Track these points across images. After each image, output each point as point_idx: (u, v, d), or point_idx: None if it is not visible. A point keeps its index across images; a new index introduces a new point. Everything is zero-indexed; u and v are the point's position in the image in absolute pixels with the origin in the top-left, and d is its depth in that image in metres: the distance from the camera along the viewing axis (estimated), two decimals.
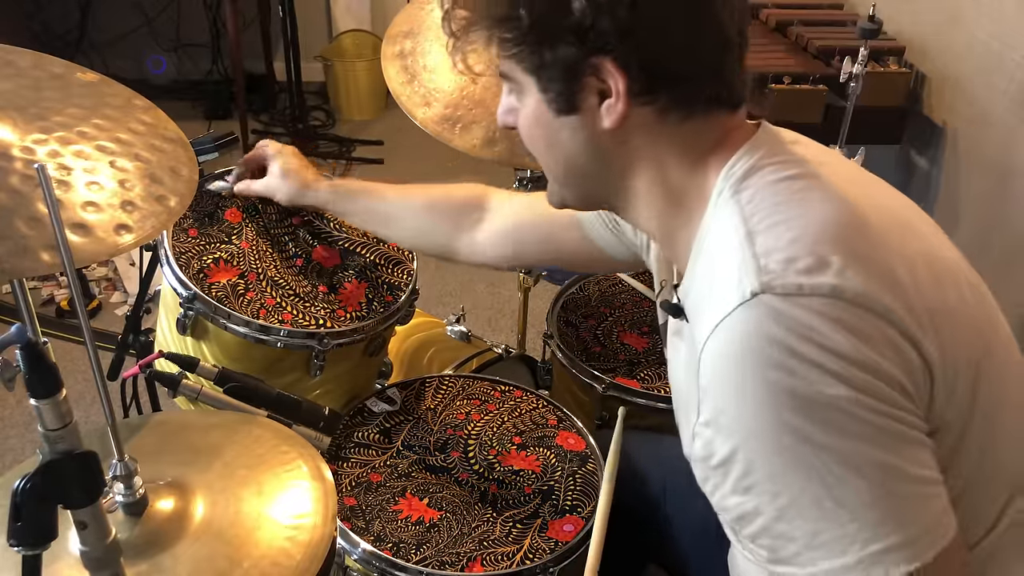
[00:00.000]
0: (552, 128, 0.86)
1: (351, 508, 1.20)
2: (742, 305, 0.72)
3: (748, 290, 0.72)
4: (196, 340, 1.39)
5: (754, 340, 0.71)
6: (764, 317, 0.71)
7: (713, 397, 0.75)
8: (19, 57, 0.99)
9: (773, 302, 0.71)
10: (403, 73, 1.55)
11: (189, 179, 0.96)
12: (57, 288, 2.77)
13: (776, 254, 0.74)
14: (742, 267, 0.74)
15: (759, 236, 0.76)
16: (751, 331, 0.72)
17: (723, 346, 0.73)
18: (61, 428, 0.73)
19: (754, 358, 0.71)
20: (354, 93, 4.04)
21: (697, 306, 0.82)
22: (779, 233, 0.75)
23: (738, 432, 0.73)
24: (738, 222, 0.78)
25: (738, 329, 0.72)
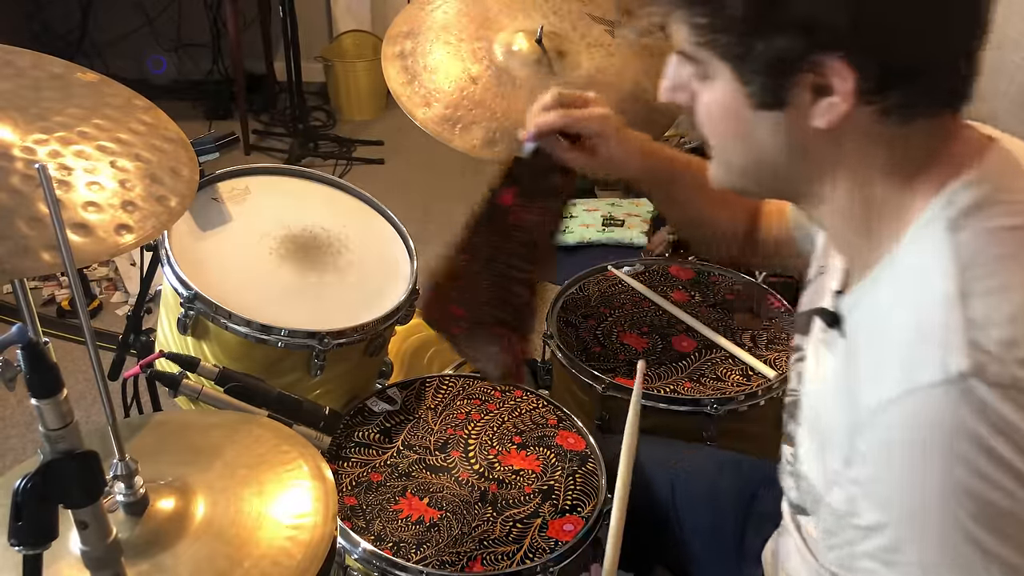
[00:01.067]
0: (746, 121, 0.75)
1: (351, 508, 1.20)
2: (944, 384, 0.63)
3: (955, 369, 0.63)
4: (197, 340, 1.39)
5: (948, 430, 0.63)
6: (966, 406, 0.63)
7: (876, 466, 0.69)
8: (19, 57, 1.00)
9: (982, 392, 0.62)
10: (403, 73, 1.55)
11: (189, 179, 0.96)
12: (58, 288, 2.77)
13: (994, 330, 0.64)
14: (948, 335, 0.64)
15: (975, 299, 0.65)
16: (947, 420, 0.63)
17: (908, 423, 0.65)
18: (62, 428, 0.73)
19: (943, 450, 0.63)
20: (354, 93, 4.04)
21: (870, 338, 0.74)
22: (1000, 302, 0.65)
23: (898, 510, 0.67)
24: (950, 269, 0.67)
25: (932, 412, 0.64)
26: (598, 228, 3.10)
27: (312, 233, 1.52)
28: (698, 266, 1.77)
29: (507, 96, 1.53)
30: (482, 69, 1.55)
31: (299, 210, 1.55)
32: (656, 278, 1.74)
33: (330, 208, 1.58)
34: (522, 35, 1.58)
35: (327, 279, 1.47)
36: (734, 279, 1.74)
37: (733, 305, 1.64)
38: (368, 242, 1.55)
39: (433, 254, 1.22)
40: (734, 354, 1.52)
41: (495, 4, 1.64)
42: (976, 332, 0.64)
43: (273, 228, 1.50)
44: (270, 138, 3.86)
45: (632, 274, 1.73)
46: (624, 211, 3.20)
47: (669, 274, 1.75)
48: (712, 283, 1.73)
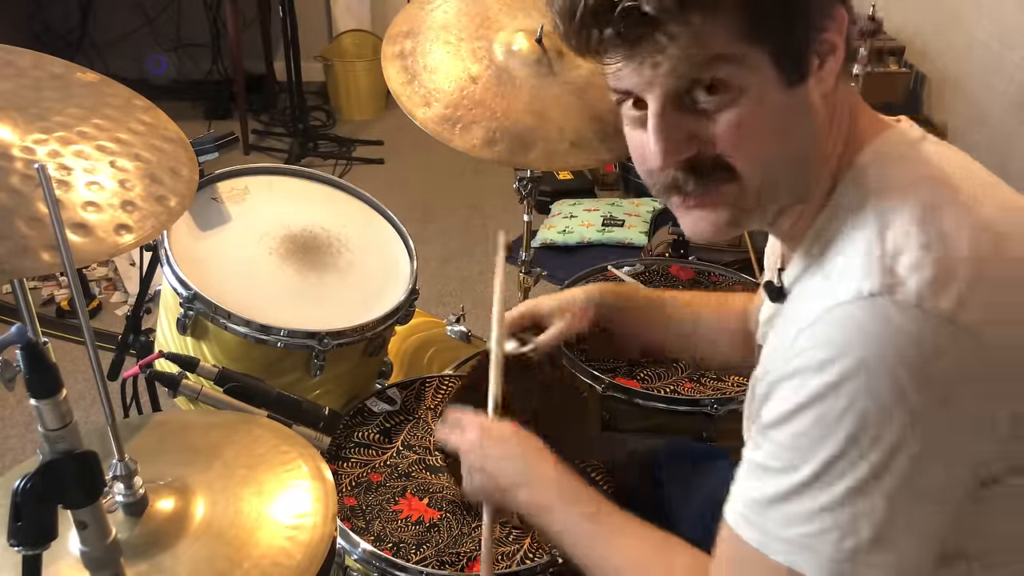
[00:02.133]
0: (780, 112, 0.75)
1: (351, 508, 1.20)
2: (856, 302, 0.70)
3: (867, 289, 0.70)
4: (196, 340, 1.39)
5: (860, 341, 0.69)
6: (873, 321, 0.69)
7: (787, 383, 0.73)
8: (19, 57, 0.99)
9: (889, 310, 0.69)
10: (403, 73, 1.55)
11: (189, 179, 0.96)
12: (57, 288, 2.77)
13: (904, 257, 0.70)
14: (867, 263, 0.71)
15: (891, 232, 0.72)
16: (856, 327, 0.69)
17: (825, 331, 0.71)
18: (61, 428, 0.73)
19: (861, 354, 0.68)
20: (354, 93, 4.04)
21: (805, 289, 0.79)
22: (913, 234, 0.71)
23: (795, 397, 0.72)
24: (872, 218, 0.74)
25: (845, 322, 0.70)
26: (598, 228, 3.10)
27: (312, 233, 1.52)
28: (698, 266, 1.77)
29: (507, 96, 1.53)
30: (482, 69, 1.55)
31: (299, 210, 1.55)
32: (656, 278, 1.74)
33: (330, 208, 1.58)
34: (522, 35, 1.58)
35: (327, 279, 1.47)
36: (734, 279, 1.74)
37: None
38: (368, 242, 1.55)
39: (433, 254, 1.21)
40: None
41: (495, 4, 1.64)
42: (889, 259, 0.70)
43: (273, 228, 1.50)
44: (270, 138, 3.86)
45: (632, 274, 1.73)
46: (624, 211, 3.20)
47: (669, 274, 1.75)
48: (712, 283, 1.73)
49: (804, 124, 0.77)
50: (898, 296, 0.69)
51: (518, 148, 1.49)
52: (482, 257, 3.10)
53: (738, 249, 2.54)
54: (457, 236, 3.21)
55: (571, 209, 3.26)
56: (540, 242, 3.07)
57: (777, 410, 0.74)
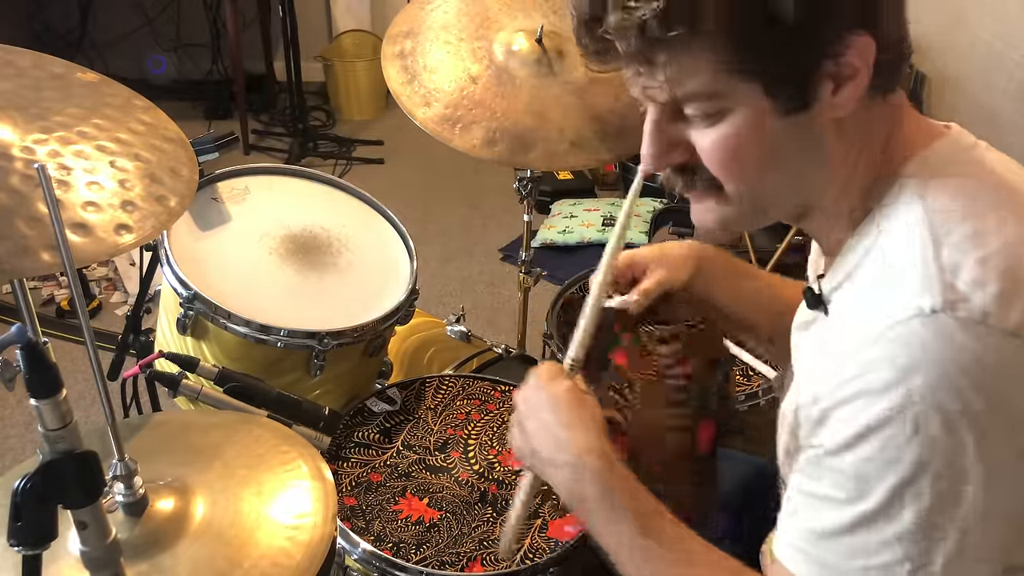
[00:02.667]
0: (771, 139, 0.74)
1: (351, 508, 1.20)
2: (918, 319, 0.67)
3: (928, 306, 0.67)
4: (196, 340, 1.39)
5: (925, 360, 0.66)
6: (937, 339, 0.66)
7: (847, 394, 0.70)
8: (19, 57, 0.99)
9: (951, 327, 0.66)
10: (403, 73, 1.55)
11: (189, 179, 0.96)
12: (57, 288, 2.77)
13: (964, 272, 0.68)
14: (926, 277, 0.68)
15: (945, 248, 0.69)
16: (920, 346, 0.66)
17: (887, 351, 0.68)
18: (61, 428, 0.73)
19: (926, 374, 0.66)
20: (354, 93, 4.04)
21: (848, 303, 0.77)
22: (971, 248, 0.69)
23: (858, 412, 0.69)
24: (923, 225, 0.71)
25: (909, 341, 0.67)
26: (598, 228, 3.10)
27: (312, 233, 1.52)
28: None
29: (507, 96, 1.53)
30: (482, 69, 1.55)
31: (299, 210, 1.55)
32: None
33: (330, 208, 1.58)
34: (522, 35, 1.58)
35: (327, 279, 1.47)
36: None
37: None
38: (368, 242, 1.55)
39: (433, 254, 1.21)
40: (734, 354, 1.52)
41: (495, 4, 1.64)
42: (948, 273, 0.68)
43: (273, 228, 1.50)
44: (270, 138, 3.86)
45: None
46: None
47: None
48: None
49: (806, 149, 0.76)
50: (960, 313, 0.66)
51: (518, 148, 1.49)
52: (482, 257, 3.10)
53: (738, 249, 2.54)
54: (457, 236, 3.21)
55: (571, 209, 3.26)
56: (540, 242, 3.07)
57: (837, 436, 0.71)
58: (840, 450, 0.71)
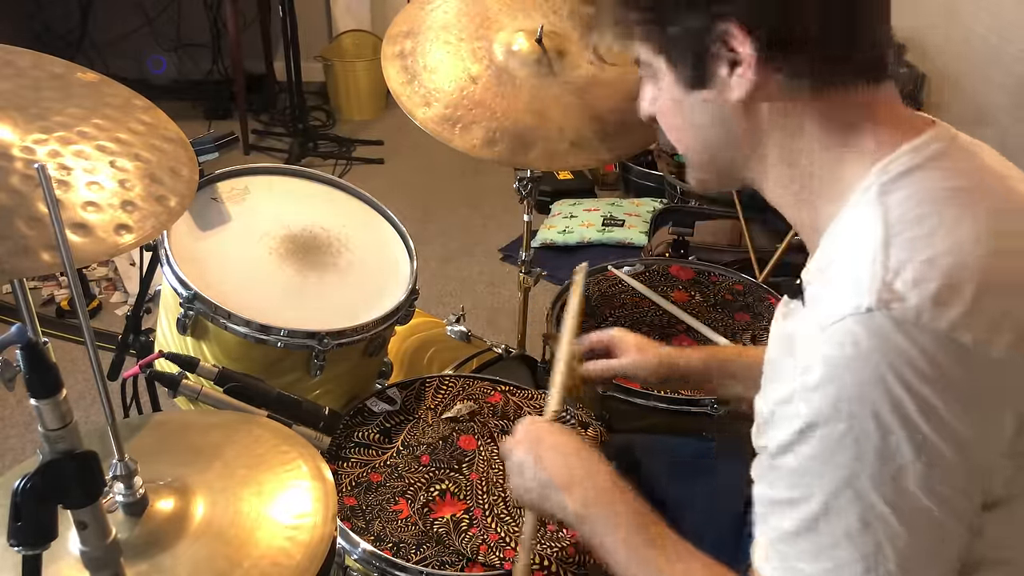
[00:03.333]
0: (685, 106, 0.83)
1: (351, 508, 1.20)
2: (852, 317, 0.68)
3: (864, 304, 0.68)
4: (196, 340, 1.39)
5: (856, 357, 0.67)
6: (868, 338, 0.67)
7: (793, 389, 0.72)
8: (19, 57, 0.99)
9: (885, 326, 0.67)
10: (403, 73, 1.55)
11: (189, 179, 0.96)
12: (57, 288, 2.77)
13: (906, 272, 0.68)
14: (868, 277, 0.69)
15: (895, 248, 0.70)
16: (852, 344, 0.68)
17: (821, 348, 0.69)
18: (61, 428, 0.73)
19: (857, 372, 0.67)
20: (354, 93, 4.04)
21: (815, 297, 0.78)
22: (921, 247, 0.69)
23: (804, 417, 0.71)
24: (878, 226, 0.72)
25: (842, 339, 0.68)
26: (598, 228, 3.10)
27: (312, 233, 1.52)
28: (698, 266, 1.77)
29: (507, 96, 1.53)
30: (482, 69, 1.55)
31: (299, 210, 1.55)
32: (656, 278, 1.74)
33: (330, 208, 1.58)
34: (522, 35, 1.58)
35: (327, 279, 1.47)
36: (735, 279, 1.74)
37: None
38: (368, 242, 1.55)
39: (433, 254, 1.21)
40: None
41: (495, 4, 1.64)
42: (890, 274, 0.68)
43: (273, 228, 1.50)
44: (270, 138, 3.86)
45: (632, 274, 1.73)
46: (624, 211, 3.20)
47: (669, 274, 1.75)
48: (712, 283, 1.73)
49: (718, 127, 0.83)
50: (895, 312, 0.67)
51: (518, 148, 1.49)
52: (482, 257, 3.10)
53: (738, 249, 2.54)
54: (457, 236, 3.21)
55: (571, 209, 3.26)
56: (540, 242, 3.06)
57: (781, 436, 0.73)
58: (783, 450, 0.72)
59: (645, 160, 3.39)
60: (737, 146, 0.83)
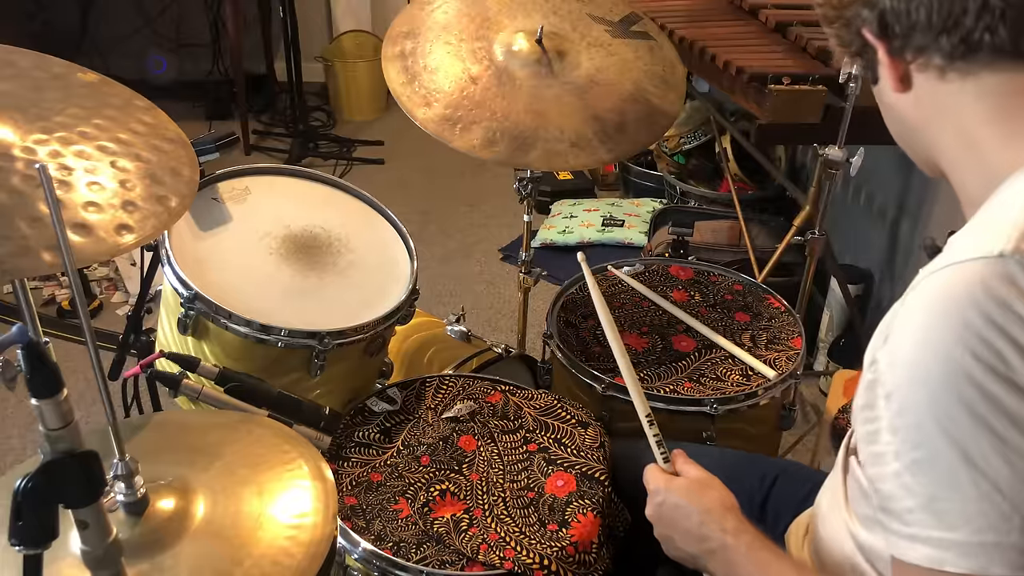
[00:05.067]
0: (880, 99, 0.88)
1: (351, 507, 1.20)
2: (983, 259, 0.67)
3: (998, 249, 0.67)
4: (197, 340, 1.39)
5: (966, 302, 0.66)
6: (995, 277, 0.66)
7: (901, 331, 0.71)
8: (20, 57, 0.99)
9: (1014, 271, 0.66)
10: (403, 73, 1.55)
11: (190, 179, 0.96)
12: (58, 288, 2.77)
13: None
14: (1009, 227, 0.68)
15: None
16: (970, 291, 0.67)
17: (935, 289, 0.69)
18: (62, 428, 0.73)
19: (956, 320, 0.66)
20: (354, 93, 4.05)
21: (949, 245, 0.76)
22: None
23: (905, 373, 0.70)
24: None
25: (960, 281, 0.67)
26: (598, 228, 3.10)
27: (312, 233, 1.52)
28: (698, 266, 1.77)
29: (507, 96, 1.53)
30: (482, 69, 1.55)
31: (299, 210, 1.55)
32: (656, 278, 1.74)
33: (330, 208, 1.58)
34: (522, 35, 1.58)
35: (327, 279, 1.47)
36: (734, 279, 1.74)
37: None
38: (368, 242, 1.55)
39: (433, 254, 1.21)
40: (734, 354, 1.52)
41: (495, 4, 1.65)
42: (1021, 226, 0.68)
43: (273, 228, 1.50)
44: (270, 138, 3.87)
45: (632, 274, 1.73)
46: (624, 211, 3.20)
47: (669, 274, 1.75)
48: (712, 283, 1.73)
49: (893, 119, 0.87)
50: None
51: (518, 148, 1.49)
52: (482, 257, 3.10)
53: (738, 249, 2.54)
54: (457, 236, 3.21)
55: (571, 209, 3.26)
56: (540, 242, 3.07)
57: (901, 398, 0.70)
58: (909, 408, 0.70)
59: (645, 160, 3.40)
60: (912, 137, 0.87)
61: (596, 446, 1.30)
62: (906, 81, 0.81)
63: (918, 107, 0.83)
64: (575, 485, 1.24)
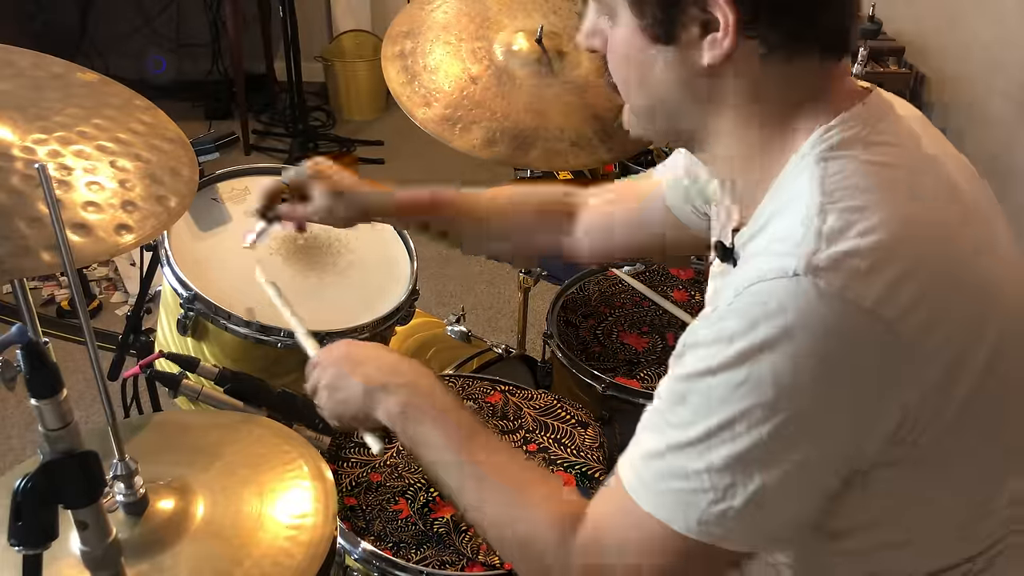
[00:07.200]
0: (644, 58, 0.80)
1: (351, 508, 1.20)
2: (779, 279, 0.69)
3: (792, 268, 0.69)
4: (197, 340, 1.39)
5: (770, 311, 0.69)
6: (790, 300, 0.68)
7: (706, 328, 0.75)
8: (19, 57, 0.99)
9: (809, 293, 0.68)
10: (403, 73, 1.55)
11: (189, 179, 0.96)
12: (58, 288, 2.77)
13: (840, 243, 0.69)
14: (800, 242, 0.70)
15: (831, 216, 0.71)
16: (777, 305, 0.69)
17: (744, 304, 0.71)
18: (62, 428, 0.73)
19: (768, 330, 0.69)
20: (354, 93, 4.04)
21: (747, 257, 0.79)
22: (854, 220, 0.70)
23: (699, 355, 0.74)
24: (816, 193, 0.73)
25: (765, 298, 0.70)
26: None
27: (312, 234, 1.52)
28: (698, 265, 1.77)
29: (507, 96, 1.53)
30: (482, 69, 1.55)
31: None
32: (656, 278, 1.74)
33: None
34: (522, 35, 1.58)
35: (327, 280, 1.47)
36: None
37: None
38: (368, 242, 1.55)
39: (433, 254, 1.21)
40: None
41: (495, 4, 1.65)
42: (822, 243, 0.69)
43: (273, 228, 1.49)
44: (270, 138, 3.86)
45: (632, 274, 1.73)
46: None
47: (669, 274, 1.75)
48: None
49: (677, 83, 0.80)
50: (820, 281, 0.68)
51: (518, 148, 1.49)
52: (482, 257, 3.10)
53: None
54: None
55: None
56: None
57: (684, 370, 0.75)
58: (682, 381, 0.75)
59: (645, 160, 3.39)
60: (690, 108, 0.82)
61: (596, 446, 1.30)
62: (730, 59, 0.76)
63: (716, 84, 0.79)
64: (575, 485, 1.24)
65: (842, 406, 0.70)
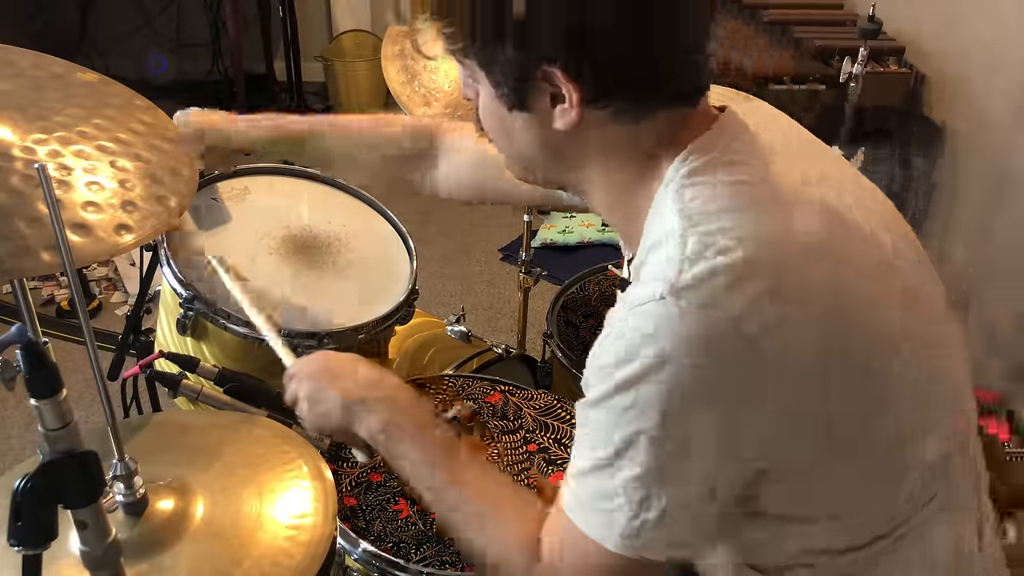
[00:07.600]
0: (505, 119, 0.86)
1: (351, 508, 1.20)
2: (650, 303, 0.74)
3: (659, 292, 0.74)
4: (196, 340, 1.39)
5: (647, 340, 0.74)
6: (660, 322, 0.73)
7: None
8: (20, 57, 1.00)
9: (675, 312, 0.73)
10: (403, 73, 1.55)
11: (189, 179, 0.96)
12: (57, 288, 2.77)
13: (701, 263, 0.74)
14: (666, 267, 0.75)
15: (691, 239, 0.76)
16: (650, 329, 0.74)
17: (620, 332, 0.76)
18: (61, 428, 0.73)
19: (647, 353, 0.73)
20: (354, 93, 4.04)
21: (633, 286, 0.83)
22: (712, 241, 0.75)
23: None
24: (677, 219, 0.78)
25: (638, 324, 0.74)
26: (598, 228, 3.10)
27: (312, 233, 1.52)
28: None
29: None
30: None
31: (298, 210, 1.55)
32: None
33: (330, 208, 1.58)
34: None
35: (327, 279, 1.47)
36: None
37: None
38: (368, 242, 1.55)
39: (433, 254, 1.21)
40: None
41: None
42: (685, 265, 0.74)
43: (273, 228, 1.50)
44: None
45: None
46: None
47: None
48: None
49: (539, 144, 0.86)
50: (683, 300, 0.72)
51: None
52: (482, 257, 3.10)
53: None
54: (457, 236, 3.21)
55: None
56: (540, 242, 3.07)
57: (587, 396, 0.80)
58: (587, 406, 0.80)
59: None
60: (555, 164, 0.89)
61: None
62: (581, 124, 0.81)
63: (575, 144, 0.85)
64: None
65: (725, 417, 0.74)
